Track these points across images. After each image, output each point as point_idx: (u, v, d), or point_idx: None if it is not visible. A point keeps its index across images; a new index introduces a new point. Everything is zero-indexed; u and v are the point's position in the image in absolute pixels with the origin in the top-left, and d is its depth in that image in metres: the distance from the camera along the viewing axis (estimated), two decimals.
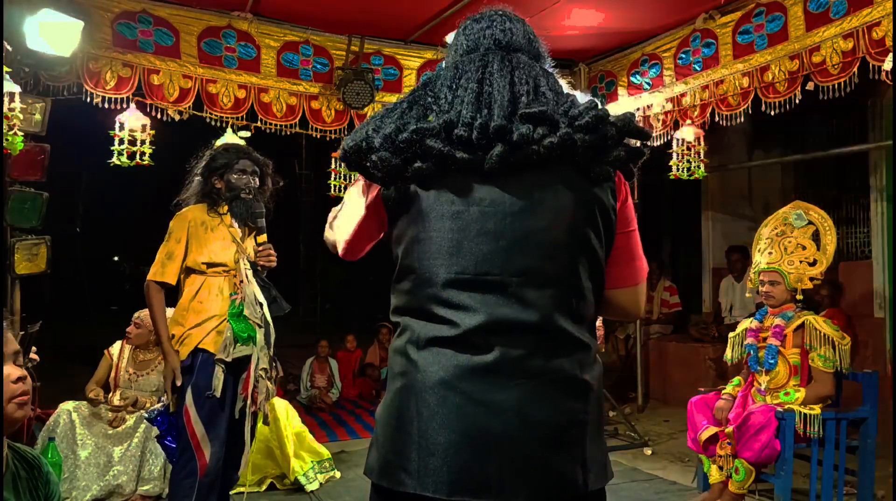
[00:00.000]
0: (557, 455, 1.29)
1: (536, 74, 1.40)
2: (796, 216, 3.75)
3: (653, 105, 4.89)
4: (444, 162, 1.30)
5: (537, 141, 1.29)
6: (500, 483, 1.26)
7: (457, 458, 1.26)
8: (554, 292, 1.31)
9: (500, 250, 1.30)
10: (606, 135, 1.32)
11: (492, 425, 1.27)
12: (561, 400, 1.30)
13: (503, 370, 1.28)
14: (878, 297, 5.54)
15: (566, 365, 1.31)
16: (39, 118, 3.87)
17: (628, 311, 1.50)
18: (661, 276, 7.34)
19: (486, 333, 1.29)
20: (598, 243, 1.35)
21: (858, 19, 3.57)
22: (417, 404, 1.30)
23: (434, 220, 1.32)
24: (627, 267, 1.44)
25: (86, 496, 3.73)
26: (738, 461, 3.38)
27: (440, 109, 1.36)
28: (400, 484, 1.29)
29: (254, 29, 4.49)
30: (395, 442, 1.32)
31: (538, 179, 1.31)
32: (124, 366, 4.14)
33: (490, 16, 1.48)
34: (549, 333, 1.31)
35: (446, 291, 1.31)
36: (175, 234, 2.90)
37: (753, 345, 3.69)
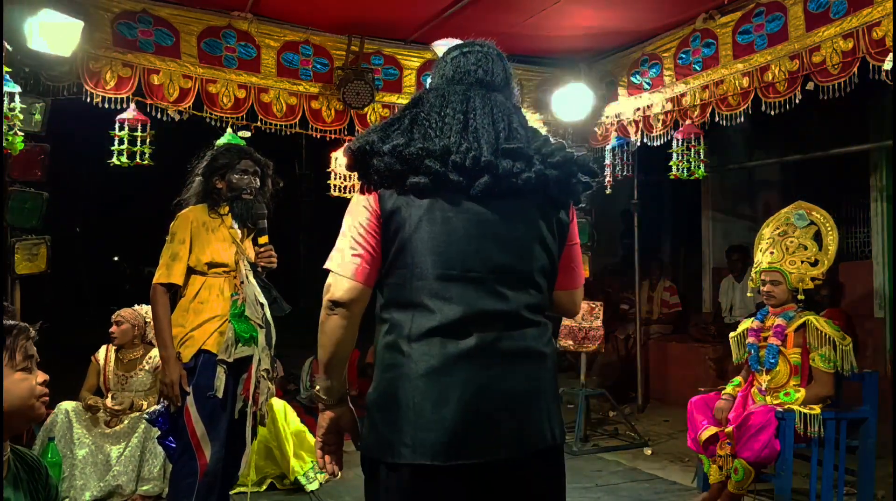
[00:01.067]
0: (530, 417, 1.58)
1: (510, 112, 1.67)
2: (798, 217, 3.75)
3: (653, 105, 4.89)
4: (439, 180, 1.55)
5: (516, 174, 1.58)
6: (486, 447, 1.53)
7: (448, 431, 1.51)
8: (520, 286, 1.60)
9: (480, 251, 1.57)
10: (571, 173, 1.64)
11: (476, 401, 1.53)
12: (529, 371, 1.59)
13: (482, 354, 1.54)
14: (878, 297, 5.54)
15: (529, 343, 1.60)
16: (39, 118, 3.86)
17: (567, 309, 1.82)
18: (661, 276, 7.34)
19: (466, 322, 1.54)
20: (555, 252, 1.67)
21: (858, 19, 3.57)
22: (412, 389, 1.53)
23: (426, 223, 1.56)
24: (569, 273, 1.75)
25: (84, 495, 3.74)
26: (737, 461, 3.38)
27: (434, 132, 1.59)
28: (400, 456, 1.52)
29: (254, 29, 4.48)
30: (392, 422, 1.54)
31: (514, 199, 1.60)
32: (112, 369, 4.14)
33: (476, 52, 1.73)
34: (516, 319, 1.58)
35: (436, 284, 1.55)
36: (178, 235, 2.90)
37: (754, 345, 3.69)
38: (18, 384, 1.54)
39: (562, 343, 5.53)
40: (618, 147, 5.37)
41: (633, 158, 5.48)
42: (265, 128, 4.54)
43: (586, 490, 4.22)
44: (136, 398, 4.06)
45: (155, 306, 2.87)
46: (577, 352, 5.57)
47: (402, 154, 1.55)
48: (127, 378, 4.10)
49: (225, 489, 2.99)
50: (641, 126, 4.99)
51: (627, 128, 5.12)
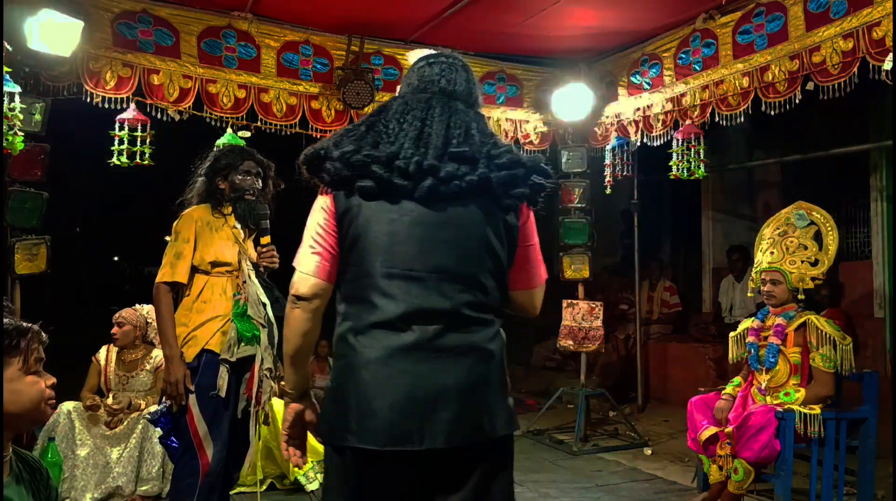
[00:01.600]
0: (467, 409, 1.65)
1: (469, 119, 1.76)
2: (798, 216, 3.76)
3: (653, 105, 4.89)
4: (383, 184, 1.66)
5: (460, 177, 1.66)
6: (422, 435, 1.61)
7: (388, 418, 1.62)
8: (462, 286, 1.67)
9: (423, 251, 1.67)
10: (517, 175, 1.71)
11: (414, 391, 1.63)
12: (468, 367, 1.66)
13: (422, 348, 1.64)
14: (878, 297, 5.54)
15: (472, 340, 1.68)
16: (39, 118, 3.86)
17: (526, 308, 1.86)
18: (661, 276, 7.34)
19: (408, 318, 1.64)
20: (501, 253, 1.72)
21: (858, 19, 3.57)
22: (356, 379, 1.65)
23: (374, 225, 1.67)
24: (525, 273, 1.82)
25: (84, 496, 3.74)
26: (737, 461, 3.38)
27: (388, 138, 1.70)
28: (344, 441, 1.65)
29: (254, 29, 4.48)
30: (339, 409, 1.67)
31: (458, 201, 1.68)
32: (113, 369, 4.14)
33: (441, 62, 1.84)
34: (458, 317, 1.66)
35: (381, 281, 1.66)
36: (183, 234, 2.90)
37: (755, 344, 3.69)
38: (31, 387, 1.56)
39: (562, 343, 5.53)
40: (618, 147, 5.38)
41: (633, 158, 5.48)
42: (265, 128, 4.54)
43: (586, 490, 4.22)
44: (136, 398, 4.05)
45: (158, 304, 2.87)
46: (577, 352, 5.57)
47: (349, 161, 1.67)
48: (128, 379, 4.10)
49: (226, 488, 2.99)
50: (641, 126, 4.99)
51: (627, 128, 5.12)
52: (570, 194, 5.45)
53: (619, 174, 5.44)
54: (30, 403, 1.56)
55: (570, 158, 5.43)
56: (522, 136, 5.37)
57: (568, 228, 5.45)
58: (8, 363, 1.51)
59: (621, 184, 5.65)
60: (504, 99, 5.28)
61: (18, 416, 1.55)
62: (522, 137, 5.37)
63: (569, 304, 5.51)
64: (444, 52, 1.90)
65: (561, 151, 5.48)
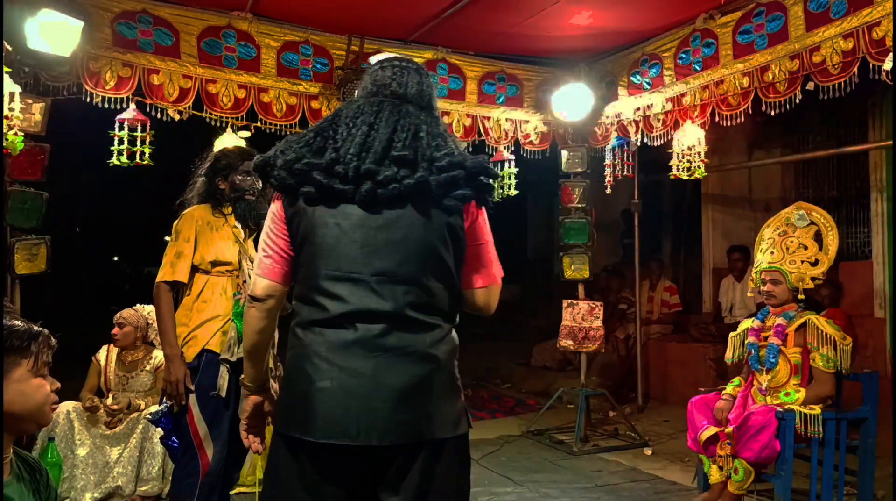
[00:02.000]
0: (404, 410, 1.68)
1: (419, 122, 1.80)
2: (798, 217, 3.75)
3: (653, 105, 4.89)
4: (325, 190, 1.72)
5: (399, 181, 1.71)
6: (358, 430, 1.66)
7: (327, 412, 1.68)
8: (405, 288, 1.71)
9: (364, 255, 1.72)
10: (456, 177, 1.73)
11: (353, 387, 1.68)
12: (408, 369, 1.70)
13: (364, 346, 1.69)
14: (878, 297, 5.54)
15: (415, 342, 1.71)
16: (39, 118, 3.86)
17: (479, 307, 1.88)
18: (661, 276, 7.35)
19: (351, 317, 1.70)
20: (445, 254, 1.75)
21: (858, 19, 3.56)
22: (300, 372, 1.73)
23: (319, 229, 1.73)
24: (476, 272, 1.85)
25: (85, 496, 3.74)
26: (737, 461, 3.38)
27: (335, 143, 1.76)
28: (290, 431, 1.72)
29: (254, 29, 4.48)
30: (287, 402, 1.77)
31: (399, 204, 1.72)
32: (113, 369, 4.13)
33: (394, 67, 1.89)
34: (400, 318, 1.70)
35: (326, 283, 1.73)
36: (183, 233, 2.90)
37: (755, 344, 3.69)
38: (38, 390, 1.58)
39: (562, 343, 5.53)
40: (618, 147, 5.38)
41: (633, 158, 5.48)
42: (265, 128, 4.54)
43: (586, 490, 4.22)
44: (136, 399, 4.05)
45: (159, 304, 2.87)
46: (577, 352, 5.57)
47: (291, 168, 1.74)
48: (128, 379, 4.10)
49: (225, 488, 2.99)
50: (641, 126, 4.99)
51: (627, 128, 5.12)
52: (570, 194, 5.45)
53: (620, 174, 5.44)
54: (35, 405, 1.57)
55: (570, 158, 5.43)
56: (522, 136, 5.37)
57: (568, 228, 5.44)
58: (17, 364, 1.53)
59: (621, 184, 5.65)
60: (504, 99, 5.28)
61: (24, 418, 1.56)
62: (522, 137, 5.37)
63: (569, 304, 5.51)
64: (398, 56, 1.96)
65: (561, 151, 5.48)
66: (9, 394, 1.51)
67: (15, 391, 1.52)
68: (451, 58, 5.08)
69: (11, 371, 1.51)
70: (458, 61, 5.11)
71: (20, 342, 1.54)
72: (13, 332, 1.53)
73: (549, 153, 5.50)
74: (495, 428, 5.85)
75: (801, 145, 6.63)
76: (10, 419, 1.53)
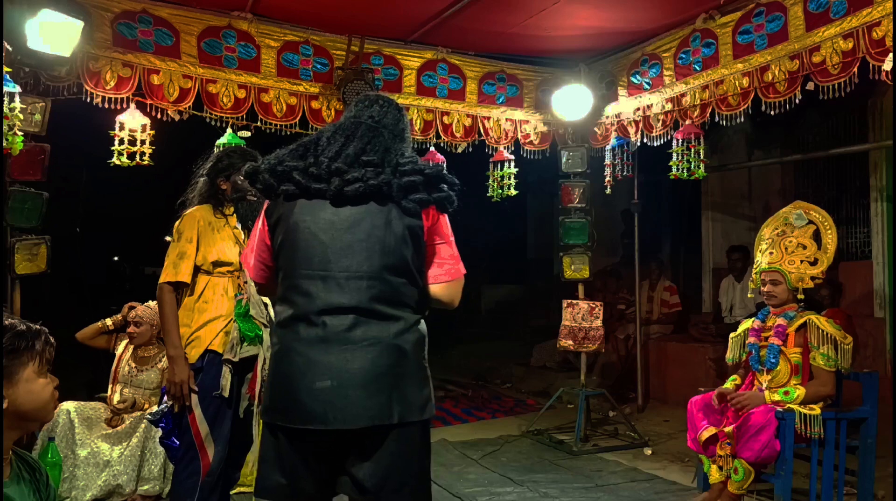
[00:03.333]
0: (367, 396, 1.88)
1: (388, 143, 2.03)
2: (797, 216, 3.75)
3: (653, 105, 4.89)
4: (302, 188, 1.96)
5: (363, 180, 1.92)
6: (324, 415, 1.87)
7: (302, 401, 1.89)
8: (369, 283, 1.91)
9: (332, 254, 1.92)
10: (415, 181, 1.95)
11: (322, 377, 1.88)
12: (375, 358, 1.89)
13: (333, 339, 1.89)
14: (878, 297, 5.54)
15: (380, 334, 1.91)
16: (39, 118, 3.86)
17: (443, 301, 2.06)
18: (661, 276, 7.34)
19: (321, 312, 1.90)
20: (406, 252, 1.94)
21: (858, 19, 3.56)
22: (279, 367, 1.96)
23: (294, 231, 1.95)
24: (438, 268, 2.04)
25: (85, 495, 3.73)
26: (737, 461, 3.38)
27: (315, 152, 2.00)
28: (270, 418, 1.97)
29: (254, 29, 4.48)
30: (270, 392, 2.00)
31: (365, 207, 1.94)
32: (127, 359, 4.15)
33: (374, 101, 2.14)
34: (365, 312, 1.90)
35: (300, 281, 1.94)
36: (186, 233, 2.90)
37: (755, 345, 3.69)
38: (45, 389, 1.60)
39: (562, 343, 5.53)
40: (618, 147, 5.38)
41: (633, 158, 5.48)
42: (265, 128, 4.54)
43: (586, 490, 4.22)
44: (140, 397, 4.06)
45: (162, 305, 2.87)
46: (577, 352, 5.57)
47: (274, 170, 1.99)
48: (138, 372, 4.12)
49: (226, 488, 3.00)
50: (641, 126, 4.99)
51: (627, 128, 5.12)
52: (570, 194, 5.45)
53: (619, 174, 5.44)
54: (42, 403, 1.60)
55: (570, 158, 5.43)
56: (522, 136, 5.37)
57: (568, 228, 5.44)
58: (24, 364, 1.55)
59: (621, 184, 5.65)
60: (504, 99, 5.28)
61: (30, 416, 1.59)
62: (522, 137, 5.37)
63: (569, 304, 5.51)
64: (382, 95, 2.22)
65: (561, 151, 5.48)
66: (18, 394, 1.53)
67: (24, 391, 1.54)
68: (451, 58, 5.08)
69: (19, 371, 1.53)
70: (458, 61, 5.11)
71: (27, 343, 1.55)
72: (19, 333, 1.55)
73: (549, 153, 5.50)
74: (495, 428, 5.85)
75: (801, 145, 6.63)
76: (18, 418, 1.55)
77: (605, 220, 7.69)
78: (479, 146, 5.28)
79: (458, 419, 6.24)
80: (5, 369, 1.51)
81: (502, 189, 5.40)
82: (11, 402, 1.52)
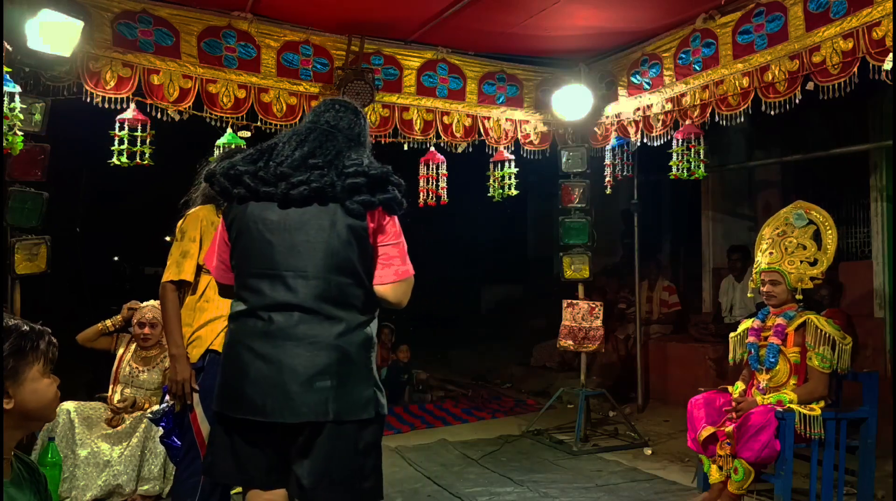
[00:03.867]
0: (307, 392, 1.95)
1: (341, 146, 2.10)
2: (797, 216, 3.75)
3: (653, 105, 4.89)
4: (252, 191, 2.04)
5: (308, 183, 1.99)
6: (264, 407, 1.97)
7: (241, 390, 2.00)
8: (314, 283, 1.99)
9: (279, 253, 2.02)
10: (358, 183, 2.01)
11: (264, 370, 1.98)
12: (314, 356, 1.96)
13: (277, 334, 1.99)
14: (878, 297, 5.53)
15: (321, 333, 1.98)
16: (39, 118, 3.86)
17: (390, 302, 2.10)
18: (660, 276, 7.34)
19: (268, 309, 2.01)
20: (351, 253, 2.01)
21: (858, 19, 3.56)
22: (228, 359, 2.08)
23: (245, 232, 2.06)
24: (384, 269, 2.08)
25: (85, 495, 3.73)
26: (737, 461, 3.38)
27: (268, 156, 2.08)
28: (222, 409, 2.08)
29: (254, 29, 4.48)
30: (220, 383, 2.10)
31: (311, 208, 2.01)
32: (128, 359, 4.15)
33: (330, 106, 2.21)
34: (309, 311, 1.98)
35: (249, 280, 2.05)
36: (189, 233, 2.90)
37: (755, 344, 3.69)
38: (49, 388, 1.62)
39: (562, 343, 5.53)
40: (618, 147, 5.38)
41: (633, 158, 5.48)
42: (265, 128, 4.53)
43: (586, 490, 4.22)
44: (141, 397, 4.06)
45: (165, 304, 2.87)
46: (577, 352, 5.57)
47: (227, 173, 2.08)
48: (140, 373, 4.12)
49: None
50: (641, 126, 4.99)
51: (627, 128, 5.12)
52: (570, 194, 5.45)
53: (619, 174, 5.44)
54: (47, 403, 1.62)
55: (570, 158, 5.43)
56: (522, 136, 5.37)
57: (568, 228, 5.44)
58: (30, 364, 1.56)
59: (621, 184, 5.65)
60: (504, 99, 5.28)
61: (35, 416, 1.61)
62: (522, 137, 5.37)
63: (569, 304, 5.51)
64: (341, 99, 2.28)
65: (561, 151, 5.48)
66: (23, 394, 1.54)
67: (29, 391, 1.55)
68: (451, 58, 5.08)
69: (24, 372, 1.55)
70: (458, 61, 5.11)
71: (31, 343, 1.57)
72: (24, 334, 1.56)
73: (549, 153, 5.50)
74: (495, 428, 5.86)
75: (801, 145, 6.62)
76: (22, 418, 1.56)
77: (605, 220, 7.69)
78: (479, 146, 5.28)
79: (458, 419, 6.24)
80: (11, 369, 1.52)
81: (502, 189, 5.40)
82: (17, 402, 1.53)
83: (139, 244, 16.34)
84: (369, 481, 2.06)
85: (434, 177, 5.18)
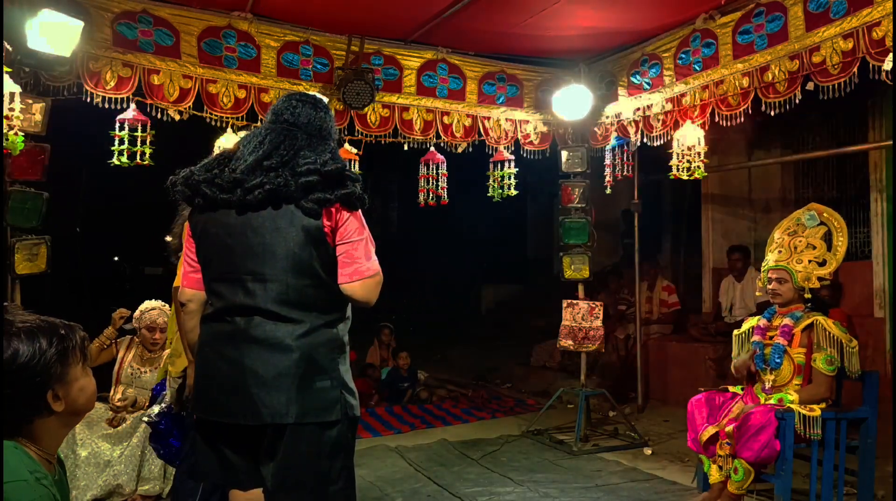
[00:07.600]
0: (267, 394, 1.96)
1: (301, 144, 2.07)
2: (809, 217, 3.75)
3: (653, 105, 4.89)
4: (209, 199, 2.04)
5: (261, 186, 1.98)
6: (229, 408, 2.01)
7: (207, 392, 2.06)
8: (273, 286, 1.99)
9: (238, 257, 2.02)
10: (311, 182, 1.98)
11: (227, 372, 2.01)
12: (272, 359, 1.97)
13: (237, 336, 2.01)
14: (878, 297, 5.53)
15: (279, 335, 1.98)
16: (39, 118, 3.86)
17: (357, 300, 2.07)
18: (659, 276, 7.34)
19: (228, 312, 2.03)
20: (309, 254, 1.99)
21: (858, 19, 3.57)
22: (198, 359, 2.14)
23: (207, 237, 2.07)
24: (348, 267, 2.04)
25: (86, 495, 3.74)
26: (737, 461, 3.38)
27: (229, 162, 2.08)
28: (193, 409, 2.19)
29: (254, 29, 4.48)
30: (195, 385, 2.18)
31: (267, 211, 2.00)
32: (129, 360, 4.15)
33: (291, 100, 2.17)
34: (268, 314, 1.99)
35: (212, 284, 2.09)
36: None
37: (760, 343, 3.69)
38: (91, 381, 1.63)
39: (562, 343, 5.53)
40: (618, 147, 5.37)
41: (633, 158, 5.48)
42: None
43: (586, 490, 4.22)
44: (142, 396, 4.06)
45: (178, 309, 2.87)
46: (577, 352, 5.57)
47: (187, 182, 2.08)
48: (141, 374, 4.12)
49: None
50: (641, 126, 4.99)
51: (627, 128, 5.12)
52: (570, 194, 5.45)
53: (619, 174, 5.44)
54: (90, 396, 1.63)
55: (570, 158, 5.43)
56: (522, 136, 5.37)
57: (568, 228, 5.44)
58: (71, 364, 1.56)
59: (621, 184, 5.64)
60: (504, 99, 5.28)
61: (82, 411, 1.62)
62: (522, 137, 5.37)
63: (569, 304, 5.51)
64: (300, 92, 2.25)
65: (561, 151, 5.48)
66: (73, 394, 1.56)
67: (76, 389, 1.57)
68: (451, 58, 5.08)
69: (69, 372, 1.55)
70: (458, 61, 5.12)
71: (71, 343, 1.56)
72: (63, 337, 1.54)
73: (549, 153, 5.50)
74: (495, 428, 5.85)
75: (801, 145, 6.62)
76: (71, 415, 1.59)
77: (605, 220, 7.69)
78: (479, 146, 5.28)
79: (458, 419, 6.24)
80: (60, 374, 1.52)
81: (502, 189, 5.40)
82: (67, 403, 1.55)
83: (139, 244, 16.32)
84: (337, 484, 2.04)
85: (434, 177, 5.18)
